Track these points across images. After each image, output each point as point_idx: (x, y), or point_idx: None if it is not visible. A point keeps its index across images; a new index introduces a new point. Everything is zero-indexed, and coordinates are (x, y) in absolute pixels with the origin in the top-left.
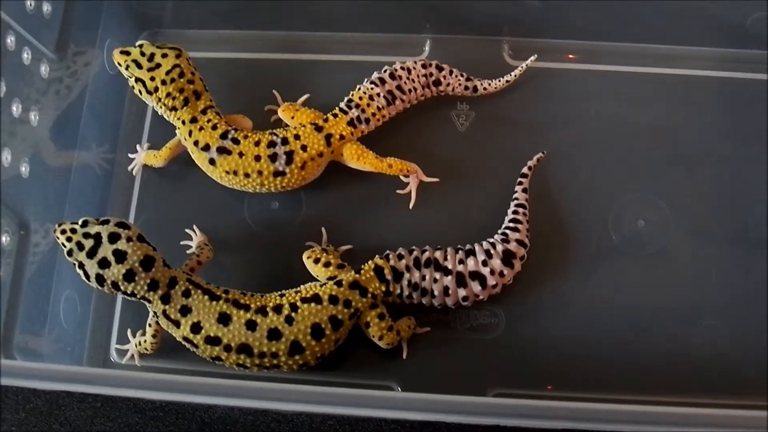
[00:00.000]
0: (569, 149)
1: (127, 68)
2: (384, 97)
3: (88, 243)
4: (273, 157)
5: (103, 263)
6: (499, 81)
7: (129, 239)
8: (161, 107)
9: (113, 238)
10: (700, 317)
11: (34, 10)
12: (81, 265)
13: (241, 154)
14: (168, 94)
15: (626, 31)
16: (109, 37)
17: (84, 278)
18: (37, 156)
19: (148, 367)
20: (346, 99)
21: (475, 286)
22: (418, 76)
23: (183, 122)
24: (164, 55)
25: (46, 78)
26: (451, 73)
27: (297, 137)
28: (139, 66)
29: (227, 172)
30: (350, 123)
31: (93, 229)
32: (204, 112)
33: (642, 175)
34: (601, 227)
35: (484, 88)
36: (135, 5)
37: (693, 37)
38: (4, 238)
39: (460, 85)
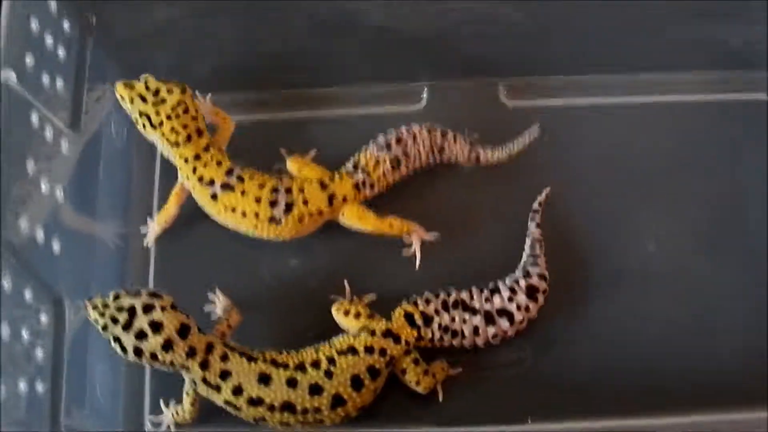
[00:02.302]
0: (575, 182)
1: (131, 102)
2: (390, 162)
3: (123, 316)
4: (273, 203)
5: (140, 335)
6: (501, 151)
7: (163, 308)
8: (164, 142)
9: (147, 309)
10: (726, 335)
11: (49, 87)
12: (117, 339)
13: (243, 193)
14: (172, 129)
15: (625, 61)
16: (114, 110)
17: (120, 352)
18: (64, 231)
19: None
20: (352, 161)
21: (504, 323)
22: (423, 141)
23: (186, 160)
24: (169, 91)
25: (67, 154)
26: (455, 140)
27: (301, 190)
28: (144, 100)
29: (226, 208)
30: (356, 186)
31: (126, 302)
32: (206, 149)
33: (650, 199)
34: (618, 255)
35: (487, 159)
36: (137, 71)
37: (691, 62)
38: (43, 318)
39: (463, 153)
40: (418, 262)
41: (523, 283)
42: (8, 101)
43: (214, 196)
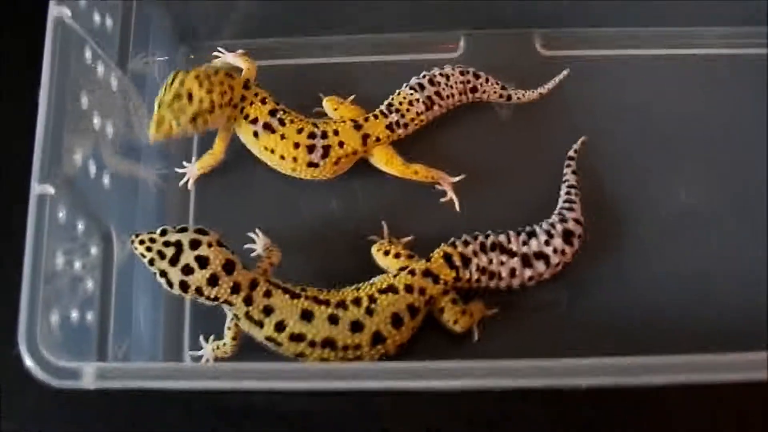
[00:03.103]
0: (607, 132)
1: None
2: (423, 102)
3: (170, 251)
4: (311, 148)
5: (187, 270)
6: (533, 92)
7: (210, 244)
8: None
9: (194, 244)
10: (753, 276)
11: (100, 25)
12: (164, 273)
13: (282, 137)
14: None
15: (663, 14)
16: (158, 50)
17: (167, 286)
18: (112, 167)
19: None
20: (386, 102)
21: (540, 266)
22: (456, 82)
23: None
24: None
25: (116, 91)
26: (487, 80)
27: (336, 132)
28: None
29: (266, 149)
30: (389, 126)
31: (173, 238)
32: (246, 87)
33: (681, 149)
34: (648, 204)
35: (518, 98)
36: (175, 18)
37: (723, 16)
38: (93, 250)
39: (495, 92)
40: (457, 205)
41: (559, 227)
42: (62, 36)
43: (255, 134)
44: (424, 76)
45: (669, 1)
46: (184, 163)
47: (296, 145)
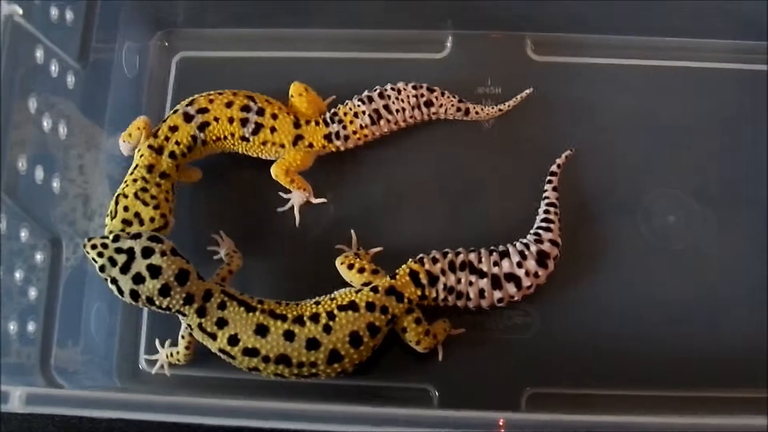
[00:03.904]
0: (596, 145)
1: None
2: (369, 115)
3: (121, 258)
4: (244, 122)
5: (138, 279)
6: (492, 108)
7: (163, 253)
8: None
9: (147, 252)
10: (732, 309)
11: (58, 19)
12: (114, 281)
13: (216, 119)
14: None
15: (653, 24)
16: (127, 40)
17: (117, 293)
18: (66, 169)
19: (177, 376)
20: (332, 111)
21: (511, 288)
22: (407, 96)
23: None
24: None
25: (72, 88)
26: (443, 94)
27: (274, 117)
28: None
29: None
30: (326, 136)
31: (125, 244)
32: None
33: (670, 170)
34: (631, 223)
35: (476, 113)
36: (148, 6)
37: (723, 29)
38: (38, 256)
39: (452, 106)
40: (297, 221)
41: (534, 248)
42: (11, 36)
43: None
44: (375, 89)
45: (666, 11)
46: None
47: (230, 120)
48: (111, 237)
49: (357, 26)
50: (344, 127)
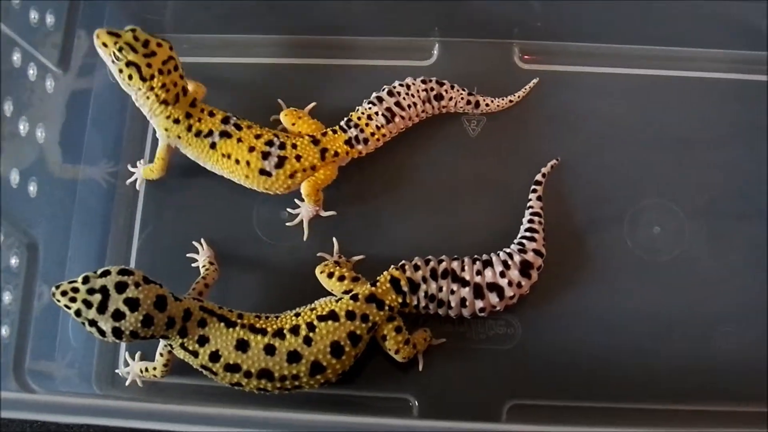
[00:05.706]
0: (582, 154)
1: (120, 50)
2: (383, 115)
3: (96, 298)
4: (265, 155)
5: (117, 315)
6: (502, 99)
7: (137, 284)
8: (150, 97)
9: (120, 287)
10: (718, 323)
11: (38, 23)
12: (93, 323)
13: (239, 140)
14: (163, 85)
15: (640, 33)
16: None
17: (98, 335)
18: (44, 173)
19: (156, 383)
20: (345, 119)
21: (493, 298)
22: (417, 91)
23: (177, 120)
24: (159, 44)
25: (52, 93)
26: (452, 87)
27: (294, 146)
28: (134, 50)
29: (224, 155)
30: (347, 142)
31: (97, 284)
32: (193, 105)
33: (657, 180)
34: (617, 234)
35: (486, 105)
36: (135, 10)
37: (708, 39)
38: (13, 260)
39: (462, 99)
40: (305, 235)
41: (517, 258)
42: None
43: (213, 145)
44: (383, 89)
45: (654, 20)
46: (138, 162)
47: (251, 149)
48: (80, 279)
49: (343, 33)
50: (361, 131)
